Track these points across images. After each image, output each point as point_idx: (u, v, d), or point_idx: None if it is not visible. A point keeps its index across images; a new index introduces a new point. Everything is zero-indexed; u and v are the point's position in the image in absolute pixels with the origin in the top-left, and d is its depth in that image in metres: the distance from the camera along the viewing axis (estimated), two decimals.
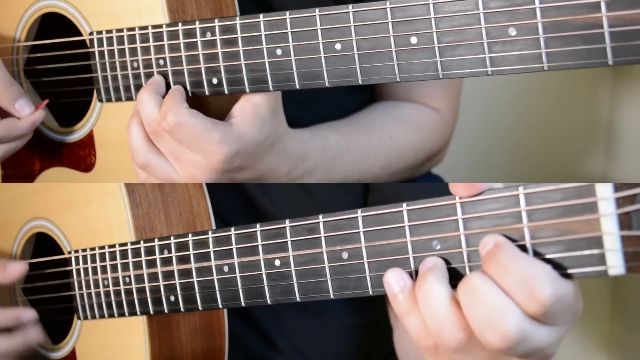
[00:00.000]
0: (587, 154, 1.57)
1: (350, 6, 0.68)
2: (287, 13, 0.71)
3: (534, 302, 0.52)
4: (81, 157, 0.89)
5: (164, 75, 0.78)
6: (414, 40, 0.66)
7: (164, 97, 0.77)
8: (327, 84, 0.71)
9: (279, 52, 0.72)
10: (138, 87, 0.81)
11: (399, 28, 0.66)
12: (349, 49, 0.69)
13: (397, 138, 0.94)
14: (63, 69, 0.89)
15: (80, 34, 0.86)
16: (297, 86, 0.72)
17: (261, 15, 0.72)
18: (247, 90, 0.74)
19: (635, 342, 1.39)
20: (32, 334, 0.88)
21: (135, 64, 0.80)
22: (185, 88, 0.77)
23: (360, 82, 0.69)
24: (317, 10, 0.69)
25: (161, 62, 0.78)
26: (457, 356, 0.57)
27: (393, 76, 0.67)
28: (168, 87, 0.78)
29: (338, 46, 0.69)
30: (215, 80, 0.76)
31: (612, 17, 0.57)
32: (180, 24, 0.77)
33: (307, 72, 0.71)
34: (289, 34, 0.71)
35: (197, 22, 0.75)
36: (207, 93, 0.77)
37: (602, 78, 1.53)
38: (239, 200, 0.94)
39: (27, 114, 0.85)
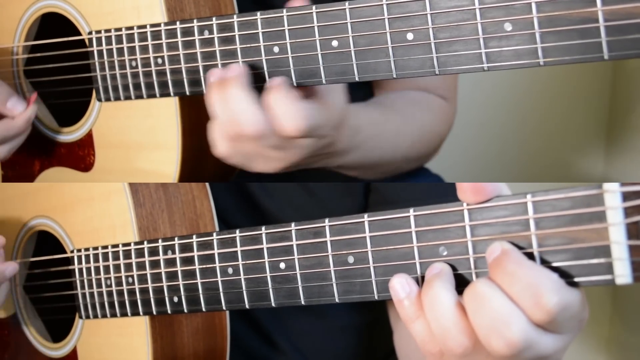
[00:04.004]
0: (587, 153, 1.57)
1: (346, 3, 0.67)
2: (284, 10, 0.70)
3: (539, 309, 0.52)
4: (80, 157, 0.89)
5: (162, 73, 0.79)
6: (410, 36, 0.65)
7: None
8: (324, 82, 0.70)
9: (276, 49, 0.72)
10: (137, 86, 0.81)
11: (395, 24, 0.66)
12: (345, 46, 0.68)
13: (417, 117, 0.94)
14: (62, 69, 0.89)
15: (79, 34, 0.86)
16: (295, 84, 0.72)
17: (258, 13, 0.72)
18: None
19: (635, 343, 1.39)
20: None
21: (133, 63, 0.80)
22: (182, 86, 0.77)
23: (357, 79, 0.69)
24: (313, 7, 0.69)
25: (159, 60, 0.78)
26: None
27: (389, 73, 0.67)
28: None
29: (335, 43, 0.69)
30: None
31: (607, 12, 0.56)
32: (178, 23, 0.77)
33: (304, 69, 0.71)
34: (286, 32, 0.71)
35: (194, 21, 0.75)
36: (205, 91, 0.77)
37: (603, 76, 1.53)
38: (240, 200, 0.94)
39: (20, 111, 0.86)
